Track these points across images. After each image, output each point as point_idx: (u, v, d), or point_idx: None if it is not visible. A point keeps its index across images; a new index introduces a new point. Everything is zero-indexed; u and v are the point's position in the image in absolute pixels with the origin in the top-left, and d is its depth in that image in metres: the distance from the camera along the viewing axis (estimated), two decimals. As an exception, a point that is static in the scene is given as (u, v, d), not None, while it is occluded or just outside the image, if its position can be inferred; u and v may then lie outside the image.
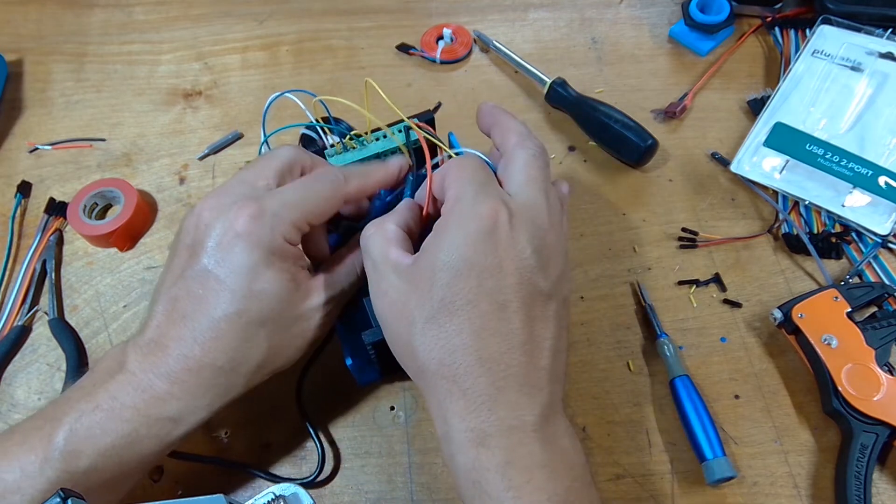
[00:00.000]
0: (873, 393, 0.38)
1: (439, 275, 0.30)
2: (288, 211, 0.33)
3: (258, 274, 0.32)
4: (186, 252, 0.34)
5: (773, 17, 0.56)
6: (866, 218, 0.45)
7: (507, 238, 0.30)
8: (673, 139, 0.51)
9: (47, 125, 0.54)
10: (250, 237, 0.32)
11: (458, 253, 0.30)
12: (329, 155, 0.40)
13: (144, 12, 0.60)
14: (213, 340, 0.32)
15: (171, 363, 0.32)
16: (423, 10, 0.60)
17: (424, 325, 0.30)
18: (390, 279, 0.32)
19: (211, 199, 0.34)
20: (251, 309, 0.32)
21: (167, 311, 0.33)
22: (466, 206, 0.31)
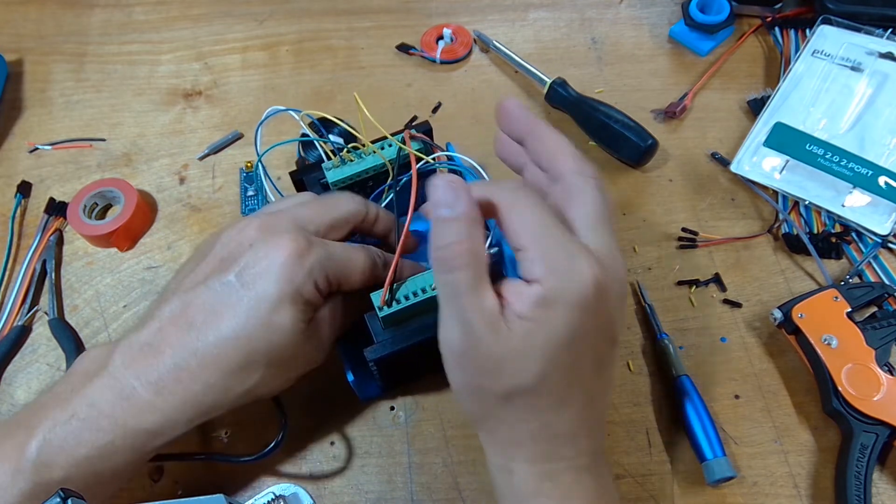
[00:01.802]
0: (873, 393, 0.38)
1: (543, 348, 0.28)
2: (329, 264, 0.33)
3: (281, 308, 0.32)
4: (217, 262, 0.33)
5: (773, 17, 0.56)
6: (866, 218, 0.45)
7: (603, 298, 0.28)
8: (673, 139, 0.51)
9: (47, 125, 0.54)
10: (288, 272, 0.32)
11: (564, 325, 0.28)
12: (327, 168, 0.40)
13: (144, 12, 0.60)
14: (213, 357, 0.32)
15: (162, 370, 0.31)
16: (423, 10, 0.60)
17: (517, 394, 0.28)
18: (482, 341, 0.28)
19: (259, 221, 0.34)
20: (261, 338, 0.32)
21: (175, 314, 0.32)
22: (564, 267, 0.28)
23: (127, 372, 0.32)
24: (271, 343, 0.32)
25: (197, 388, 0.32)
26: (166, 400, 0.31)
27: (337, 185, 0.40)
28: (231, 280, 0.32)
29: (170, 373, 0.31)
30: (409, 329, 0.36)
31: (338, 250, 0.34)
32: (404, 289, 0.35)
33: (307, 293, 0.33)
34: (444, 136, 0.52)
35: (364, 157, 0.40)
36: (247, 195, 0.50)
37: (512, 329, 0.28)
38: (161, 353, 0.32)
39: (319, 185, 0.41)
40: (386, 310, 0.35)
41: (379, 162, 0.40)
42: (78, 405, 0.31)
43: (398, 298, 0.35)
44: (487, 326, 0.28)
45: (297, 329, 0.33)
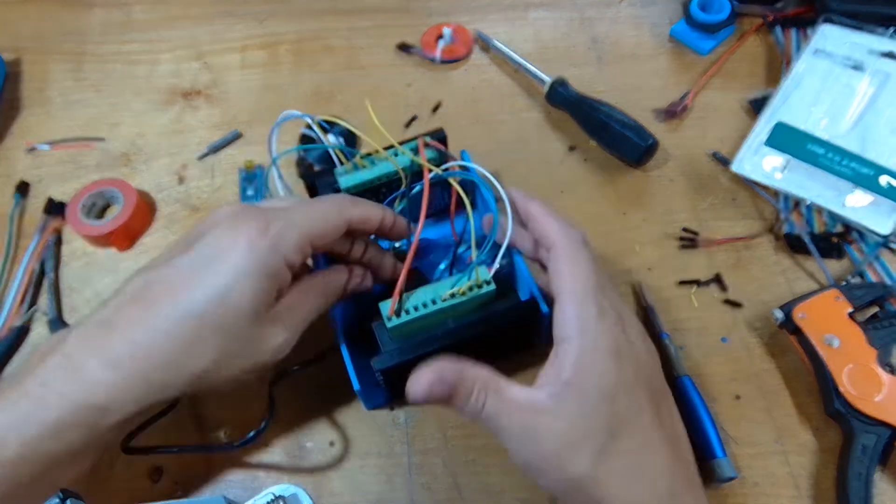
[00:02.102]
0: (875, 393, 0.38)
1: (597, 405, 0.30)
2: (293, 231, 0.33)
3: (241, 284, 0.32)
4: (184, 243, 0.34)
5: (775, 16, 0.56)
6: (868, 218, 0.45)
7: (632, 349, 0.32)
8: (673, 139, 0.51)
9: (46, 125, 0.54)
10: (250, 248, 0.32)
11: (606, 379, 0.31)
12: (339, 174, 0.40)
13: (143, 11, 0.60)
14: (166, 332, 0.31)
15: (116, 346, 0.31)
16: (422, 10, 0.59)
17: (597, 458, 0.30)
18: (541, 425, 0.30)
19: (229, 207, 0.34)
20: (218, 314, 0.32)
21: (135, 292, 0.32)
22: (593, 325, 0.31)
23: (80, 349, 0.32)
24: (227, 319, 0.32)
25: (148, 364, 0.31)
26: (117, 374, 0.31)
27: (349, 191, 0.40)
28: (193, 256, 0.32)
29: (123, 347, 0.31)
30: (417, 340, 0.36)
31: (300, 214, 0.34)
32: (413, 299, 0.35)
33: (273, 268, 0.32)
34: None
35: (377, 163, 0.40)
36: (246, 195, 0.50)
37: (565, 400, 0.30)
38: (117, 330, 0.32)
39: (332, 189, 0.40)
40: (395, 320, 0.35)
41: (392, 169, 0.40)
42: (29, 384, 0.31)
43: (407, 309, 0.35)
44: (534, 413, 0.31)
45: (259, 306, 0.32)
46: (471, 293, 0.35)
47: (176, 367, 0.32)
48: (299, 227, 0.34)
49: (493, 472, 0.39)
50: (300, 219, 0.34)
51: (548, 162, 0.51)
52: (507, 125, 0.53)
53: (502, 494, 0.39)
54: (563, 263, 0.33)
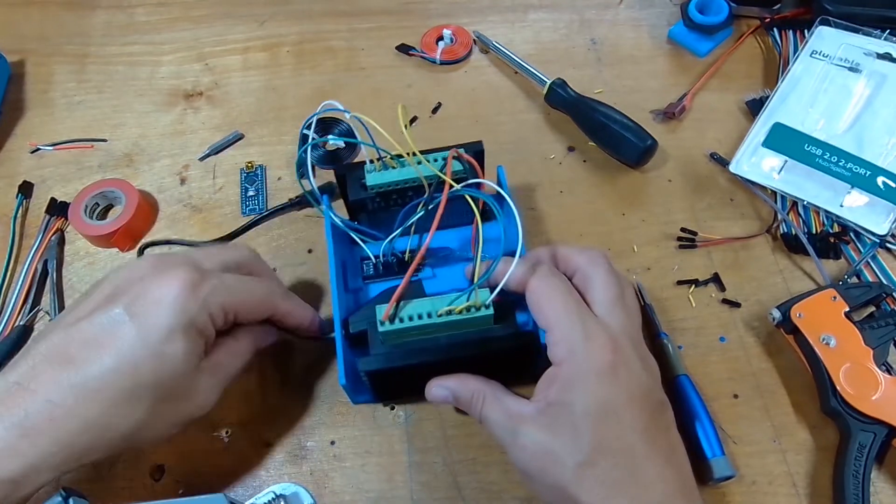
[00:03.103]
0: (871, 392, 0.38)
1: (581, 421, 0.31)
2: (223, 293, 0.33)
3: (173, 337, 0.31)
4: (103, 297, 0.32)
5: (772, 18, 0.56)
6: (864, 218, 0.46)
7: (624, 368, 0.32)
8: (672, 140, 0.52)
9: (49, 126, 0.54)
10: (180, 302, 0.31)
11: (592, 398, 0.31)
12: (368, 171, 0.40)
13: (146, 14, 0.60)
14: (94, 391, 0.30)
15: (31, 411, 0.29)
16: (422, 11, 0.60)
17: (579, 469, 0.31)
18: (524, 433, 0.32)
19: (150, 259, 0.34)
20: (150, 368, 0.31)
21: (51, 351, 0.31)
22: (580, 348, 0.32)
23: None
24: (160, 374, 0.31)
25: (72, 426, 0.30)
26: (34, 442, 0.29)
27: (375, 189, 0.39)
28: (118, 312, 0.31)
29: (40, 413, 0.29)
30: (406, 348, 0.36)
31: (233, 281, 0.35)
32: (410, 309, 0.35)
33: (201, 324, 0.32)
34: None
35: (406, 165, 0.39)
36: (247, 195, 0.50)
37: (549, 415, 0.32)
38: (32, 393, 0.30)
39: (359, 185, 0.40)
40: (387, 325, 0.35)
41: (414, 175, 0.39)
42: None
43: (402, 317, 0.35)
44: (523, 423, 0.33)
45: (189, 361, 0.32)
46: (467, 314, 0.35)
47: (102, 429, 0.30)
48: (229, 295, 0.34)
49: (493, 472, 0.39)
50: (232, 288, 0.34)
51: (547, 162, 0.51)
52: (507, 126, 0.53)
53: (502, 494, 0.39)
54: (537, 297, 0.34)
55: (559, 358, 0.33)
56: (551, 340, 0.33)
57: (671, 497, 0.31)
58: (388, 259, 0.41)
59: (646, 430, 0.32)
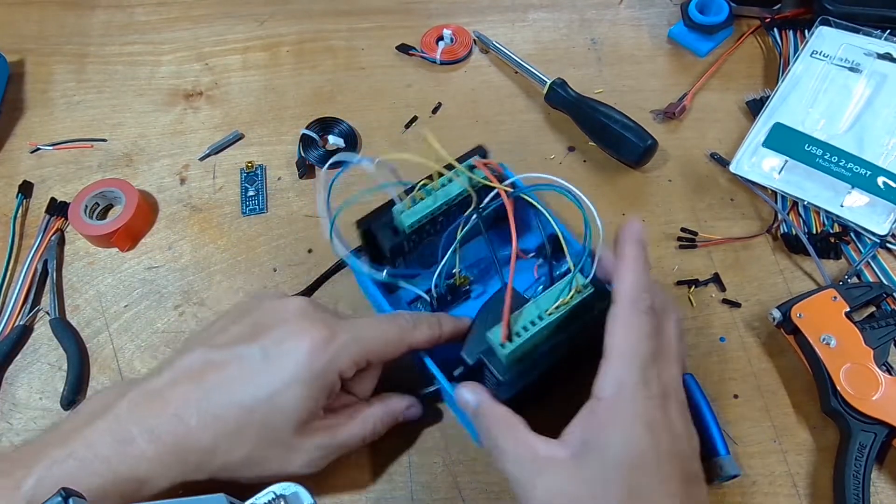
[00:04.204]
0: (872, 392, 0.38)
1: (613, 470, 0.30)
2: (354, 345, 0.34)
3: (292, 390, 0.32)
4: (250, 327, 0.34)
5: (772, 18, 0.56)
6: (865, 218, 0.46)
7: (668, 430, 0.31)
8: (672, 139, 0.52)
9: (49, 126, 0.54)
10: (310, 356, 0.33)
11: (631, 446, 0.30)
12: (398, 212, 0.37)
13: (145, 13, 0.60)
14: (213, 419, 0.32)
15: (163, 420, 0.32)
16: (423, 11, 0.60)
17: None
18: (550, 478, 0.30)
19: (299, 303, 0.35)
20: (265, 412, 0.32)
21: (192, 369, 0.33)
22: (632, 390, 0.30)
23: (129, 417, 0.32)
24: (268, 421, 0.32)
25: (187, 445, 0.32)
26: (158, 450, 0.32)
27: (412, 227, 0.38)
28: (255, 352, 0.33)
29: (168, 424, 0.32)
30: (529, 361, 0.35)
31: (364, 331, 0.35)
32: (520, 320, 0.34)
33: (327, 380, 0.33)
34: (444, 137, 0.52)
35: (433, 191, 0.38)
36: (247, 195, 0.50)
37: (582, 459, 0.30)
38: (166, 403, 0.32)
39: (391, 231, 0.38)
40: (508, 346, 0.34)
41: (450, 196, 0.38)
42: (76, 445, 0.31)
43: (517, 332, 0.34)
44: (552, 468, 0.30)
45: (303, 414, 0.33)
46: (573, 302, 0.34)
47: (211, 453, 0.32)
48: (361, 345, 0.34)
49: (493, 472, 0.39)
50: (364, 336, 0.35)
51: (547, 162, 0.51)
52: (507, 126, 0.53)
53: (502, 495, 0.39)
54: (619, 323, 0.32)
55: (606, 392, 0.31)
56: (605, 370, 0.31)
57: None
58: (440, 291, 0.40)
59: (676, 494, 0.30)
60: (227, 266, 0.47)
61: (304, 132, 0.52)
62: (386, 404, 0.37)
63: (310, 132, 0.52)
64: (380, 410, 0.37)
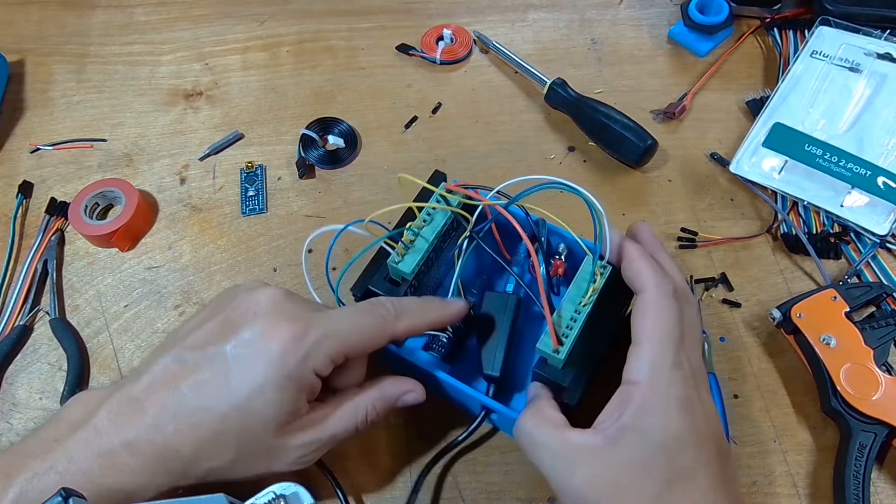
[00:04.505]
0: (872, 392, 0.38)
1: (656, 452, 0.30)
2: (329, 342, 0.32)
3: (264, 395, 0.31)
4: (220, 324, 0.33)
5: (772, 18, 0.56)
6: (865, 218, 0.46)
7: (701, 408, 0.31)
8: (672, 139, 0.52)
9: (49, 126, 0.54)
10: (282, 356, 0.31)
11: (672, 427, 0.30)
12: (394, 262, 0.37)
13: (145, 13, 0.60)
14: (190, 427, 0.31)
15: (141, 430, 0.31)
16: (422, 11, 0.60)
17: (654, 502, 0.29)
18: (587, 466, 0.30)
19: (280, 294, 0.33)
20: (239, 420, 0.31)
21: (166, 372, 0.32)
22: (666, 372, 0.31)
23: (109, 428, 0.31)
24: (245, 427, 0.31)
25: (168, 454, 0.31)
26: (140, 461, 0.31)
27: (415, 272, 0.37)
28: (226, 351, 0.32)
29: (147, 434, 0.31)
30: (579, 356, 0.35)
31: (340, 324, 0.33)
32: (562, 323, 0.34)
33: (301, 379, 0.32)
34: (445, 136, 0.53)
35: (420, 230, 0.37)
36: (247, 195, 0.50)
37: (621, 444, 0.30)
38: (144, 412, 0.31)
39: (389, 283, 0.37)
40: (562, 350, 0.34)
41: (438, 228, 0.38)
42: (57, 458, 0.31)
43: (563, 333, 0.34)
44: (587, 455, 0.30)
45: (280, 416, 0.31)
46: (601, 283, 0.35)
47: (193, 461, 0.31)
48: (337, 339, 0.32)
49: (493, 472, 0.39)
50: (341, 330, 0.33)
51: (547, 162, 0.51)
52: (507, 126, 0.53)
53: (502, 494, 0.39)
54: (649, 309, 0.32)
55: (638, 376, 0.31)
56: (637, 355, 0.32)
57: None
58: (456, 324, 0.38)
59: (717, 474, 0.30)
60: (227, 266, 0.47)
61: (304, 132, 0.52)
62: (380, 388, 0.35)
63: (310, 132, 0.52)
64: (372, 395, 0.35)
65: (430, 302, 0.36)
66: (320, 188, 0.50)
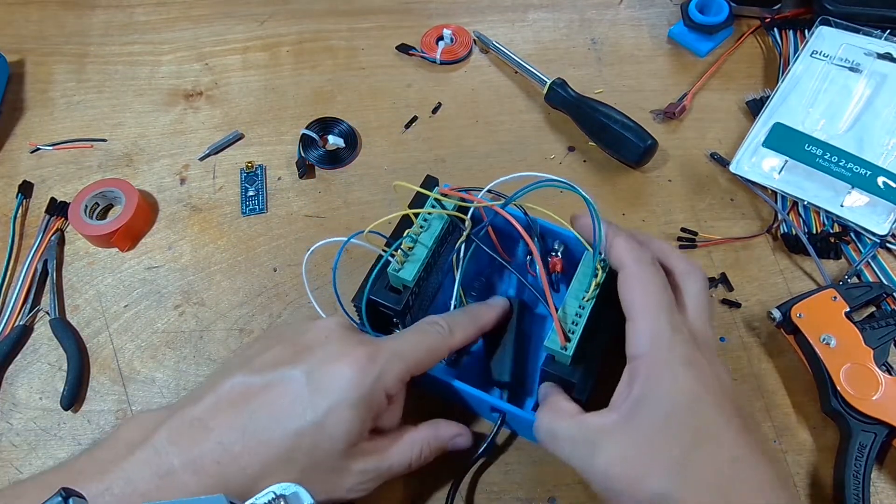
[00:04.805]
0: (872, 392, 0.38)
1: (672, 416, 0.30)
2: (397, 362, 0.33)
3: (339, 413, 0.31)
4: (290, 349, 0.33)
5: (772, 18, 0.56)
6: (865, 218, 0.46)
7: (709, 366, 0.31)
8: (672, 139, 0.52)
9: (49, 126, 0.54)
10: (357, 378, 0.32)
11: (682, 387, 0.30)
12: (394, 271, 0.36)
13: (145, 13, 0.60)
14: (259, 444, 0.31)
15: (205, 448, 0.31)
16: (422, 11, 0.60)
17: (677, 468, 0.29)
18: (609, 445, 0.30)
19: (346, 321, 0.35)
20: (314, 437, 0.31)
21: (234, 394, 0.32)
22: (666, 337, 0.31)
23: (169, 448, 0.31)
24: (317, 445, 0.31)
25: (231, 471, 0.31)
26: (201, 481, 0.31)
27: (414, 279, 0.36)
28: (298, 375, 0.32)
29: (212, 452, 0.31)
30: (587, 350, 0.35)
31: (404, 346, 0.34)
32: (567, 319, 0.35)
33: (373, 400, 0.32)
34: (444, 137, 0.53)
35: (418, 236, 0.37)
36: (247, 195, 0.50)
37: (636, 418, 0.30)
38: (208, 431, 0.31)
39: (395, 294, 0.37)
40: (570, 346, 0.34)
41: (436, 233, 0.37)
42: (114, 479, 0.30)
43: (570, 329, 0.34)
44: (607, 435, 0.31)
45: (351, 437, 0.32)
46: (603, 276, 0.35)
47: (257, 479, 0.31)
48: (405, 361, 0.34)
49: (493, 472, 0.39)
50: (407, 352, 0.34)
51: (547, 162, 0.51)
52: (507, 126, 0.53)
53: (502, 494, 0.39)
54: (633, 283, 0.33)
55: (641, 349, 0.31)
56: (634, 330, 0.32)
57: (773, 489, 0.29)
58: None
59: (741, 429, 0.30)
60: (227, 266, 0.47)
61: (304, 132, 0.52)
62: (435, 429, 0.36)
63: (310, 132, 0.52)
64: (427, 434, 0.36)
65: (476, 309, 0.38)
66: (320, 188, 0.50)
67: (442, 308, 0.39)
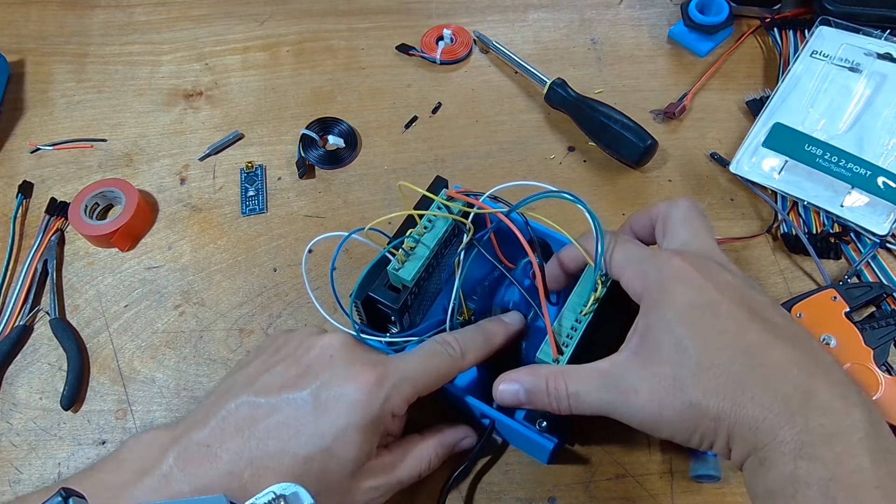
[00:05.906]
0: (872, 392, 0.38)
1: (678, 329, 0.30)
2: (405, 385, 0.33)
3: (347, 437, 0.31)
4: (294, 370, 0.33)
5: (772, 18, 0.56)
6: (865, 218, 0.46)
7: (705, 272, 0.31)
8: (672, 139, 0.52)
9: (48, 126, 0.54)
10: (364, 401, 0.32)
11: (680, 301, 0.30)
12: (394, 269, 0.36)
13: (145, 13, 0.60)
14: (266, 470, 0.31)
15: (214, 476, 0.31)
16: (423, 11, 0.60)
17: (697, 380, 0.29)
18: (629, 379, 0.30)
19: (350, 339, 0.34)
20: (323, 461, 0.31)
21: (240, 419, 0.32)
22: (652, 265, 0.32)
23: (179, 474, 0.31)
24: (327, 469, 0.31)
25: (241, 496, 0.30)
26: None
27: (415, 279, 0.36)
28: (305, 398, 0.32)
29: (221, 479, 0.31)
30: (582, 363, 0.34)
31: (414, 368, 0.34)
32: (563, 332, 0.35)
33: (380, 422, 0.32)
34: (444, 137, 0.53)
35: (420, 237, 0.37)
36: (247, 195, 0.50)
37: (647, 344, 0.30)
38: (217, 458, 0.31)
39: (393, 293, 0.37)
40: (562, 359, 0.34)
41: (439, 235, 0.37)
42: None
43: (565, 343, 0.34)
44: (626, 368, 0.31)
45: (359, 459, 0.32)
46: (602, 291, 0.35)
47: None
48: (413, 385, 0.33)
49: (493, 472, 0.39)
50: (416, 374, 0.34)
51: (547, 162, 0.51)
52: (507, 126, 0.53)
53: (502, 494, 0.39)
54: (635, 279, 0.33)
55: (637, 292, 0.32)
56: (627, 283, 0.32)
57: (812, 378, 0.28)
58: None
59: (751, 320, 0.29)
60: (227, 266, 0.47)
61: (304, 132, 0.52)
62: (440, 437, 0.37)
63: (310, 132, 0.52)
64: (434, 443, 0.36)
65: (490, 325, 0.37)
66: (320, 188, 0.50)
67: (442, 310, 0.39)
